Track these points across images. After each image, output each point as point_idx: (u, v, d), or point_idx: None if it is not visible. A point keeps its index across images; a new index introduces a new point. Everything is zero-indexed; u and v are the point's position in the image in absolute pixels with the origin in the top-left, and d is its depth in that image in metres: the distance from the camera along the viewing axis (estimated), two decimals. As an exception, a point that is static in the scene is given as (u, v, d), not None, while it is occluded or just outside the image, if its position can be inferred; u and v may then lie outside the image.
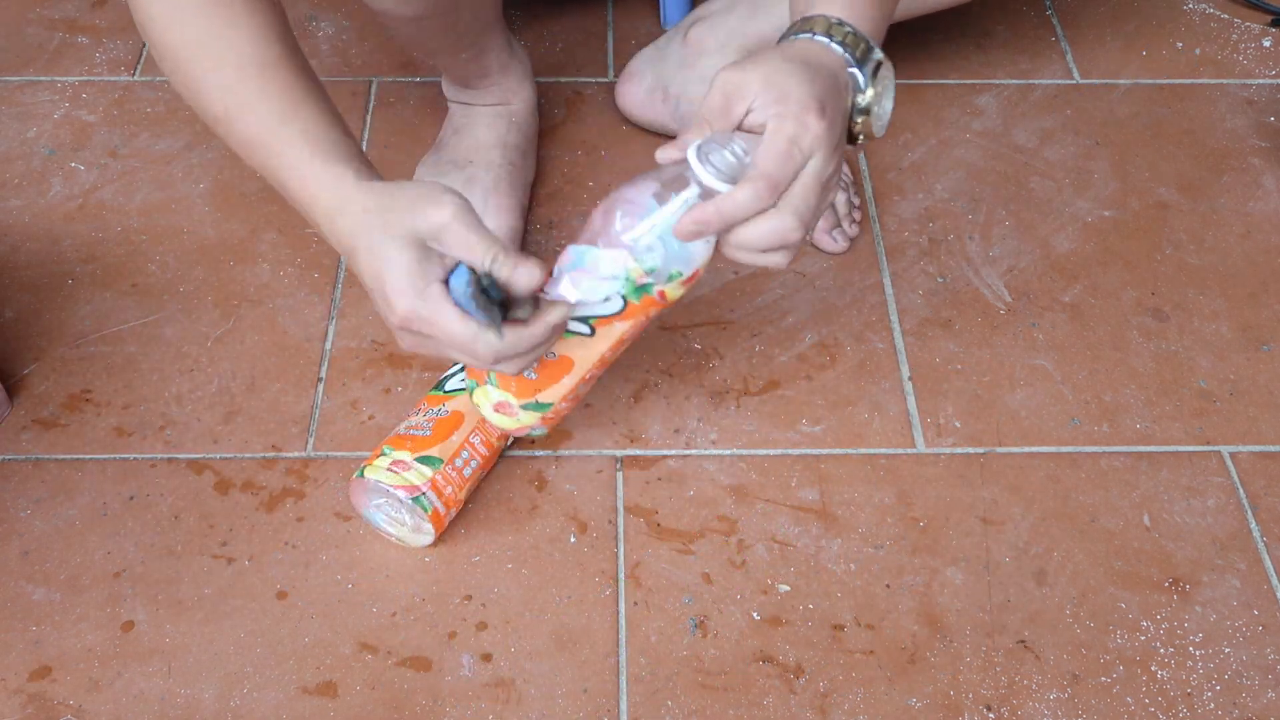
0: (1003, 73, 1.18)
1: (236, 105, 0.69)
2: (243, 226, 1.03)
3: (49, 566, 0.82)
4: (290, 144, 0.67)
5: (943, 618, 0.80)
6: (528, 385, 0.72)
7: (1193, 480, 0.88)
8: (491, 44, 0.98)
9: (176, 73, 0.71)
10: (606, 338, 0.70)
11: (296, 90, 0.69)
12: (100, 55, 1.17)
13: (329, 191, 0.66)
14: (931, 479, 0.87)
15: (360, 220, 0.65)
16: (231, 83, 0.69)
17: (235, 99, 0.69)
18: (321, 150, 0.67)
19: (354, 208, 0.65)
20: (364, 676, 0.77)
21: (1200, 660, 0.79)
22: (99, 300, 0.97)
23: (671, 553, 0.83)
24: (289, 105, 0.68)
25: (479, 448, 0.82)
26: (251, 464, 0.87)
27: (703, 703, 0.76)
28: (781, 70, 0.64)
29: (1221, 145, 1.12)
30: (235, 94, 0.69)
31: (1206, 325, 0.98)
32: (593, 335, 0.69)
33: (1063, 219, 1.05)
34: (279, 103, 0.68)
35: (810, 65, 0.64)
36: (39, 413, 0.90)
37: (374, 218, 0.64)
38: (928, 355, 0.95)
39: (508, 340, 0.64)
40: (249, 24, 0.69)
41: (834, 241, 1.01)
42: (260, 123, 0.68)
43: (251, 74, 0.68)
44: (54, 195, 1.05)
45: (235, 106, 0.69)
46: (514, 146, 1.02)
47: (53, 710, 0.75)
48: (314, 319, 0.96)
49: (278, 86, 0.68)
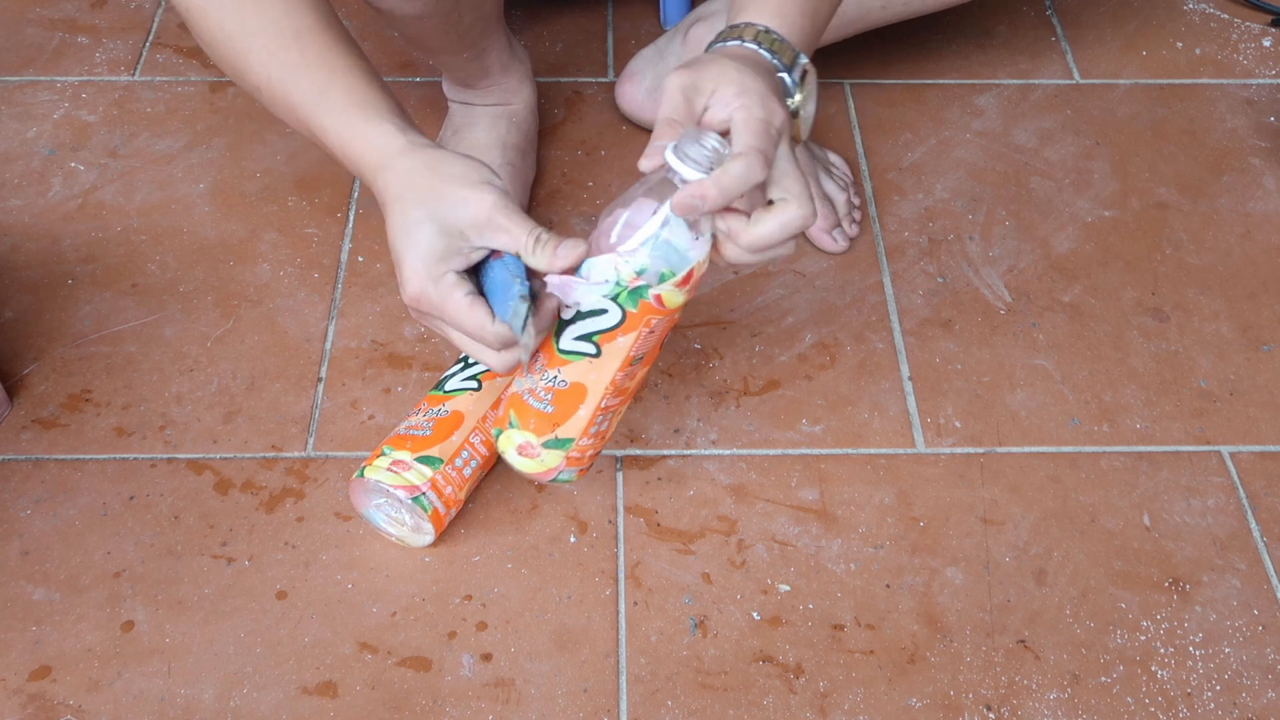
0: (1003, 73, 1.18)
1: (278, 74, 0.70)
2: (243, 226, 1.03)
3: (49, 566, 0.82)
4: (333, 108, 0.69)
5: (943, 618, 0.80)
6: (545, 420, 0.71)
7: (1193, 480, 0.88)
8: (493, 44, 0.98)
9: (217, 50, 0.72)
10: (614, 356, 0.69)
11: (335, 54, 0.70)
12: (100, 55, 1.17)
13: (375, 149, 0.68)
14: (931, 479, 0.87)
15: (402, 183, 0.66)
16: (271, 52, 0.70)
17: (276, 68, 0.70)
18: (363, 111, 0.68)
19: (399, 167, 0.66)
20: (364, 676, 0.77)
21: (1200, 660, 0.79)
22: (99, 300, 0.97)
23: (671, 553, 0.83)
24: (328, 70, 0.70)
25: (479, 448, 0.82)
26: (251, 464, 0.87)
27: (703, 703, 0.76)
28: (731, 67, 0.65)
29: (1221, 145, 1.12)
30: (275, 63, 0.70)
31: (1206, 325, 0.98)
32: (599, 355, 0.69)
33: (1063, 219, 1.05)
34: (318, 68, 0.70)
35: (753, 63, 0.66)
36: (39, 413, 0.90)
37: (413, 192, 0.65)
38: (928, 355, 0.95)
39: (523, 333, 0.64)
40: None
41: (834, 241, 1.01)
42: (302, 89, 0.70)
43: (289, 42, 0.70)
44: (54, 195, 1.05)
45: (277, 75, 0.70)
46: (514, 147, 1.02)
47: (53, 710, 0.75)
48: (314, 319, 0.96)
49: (316, 51, 0.70)
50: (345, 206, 1.04)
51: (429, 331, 0.95)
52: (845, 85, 1.17)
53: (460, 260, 0.64)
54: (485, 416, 0.83)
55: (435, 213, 0.64)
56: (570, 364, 0.69)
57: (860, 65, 1.18)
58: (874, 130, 1.13)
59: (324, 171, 1.07)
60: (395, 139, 0.68)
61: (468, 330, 0.64)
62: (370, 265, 1.00)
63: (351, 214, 1.04)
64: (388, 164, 0.67)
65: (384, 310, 0.97)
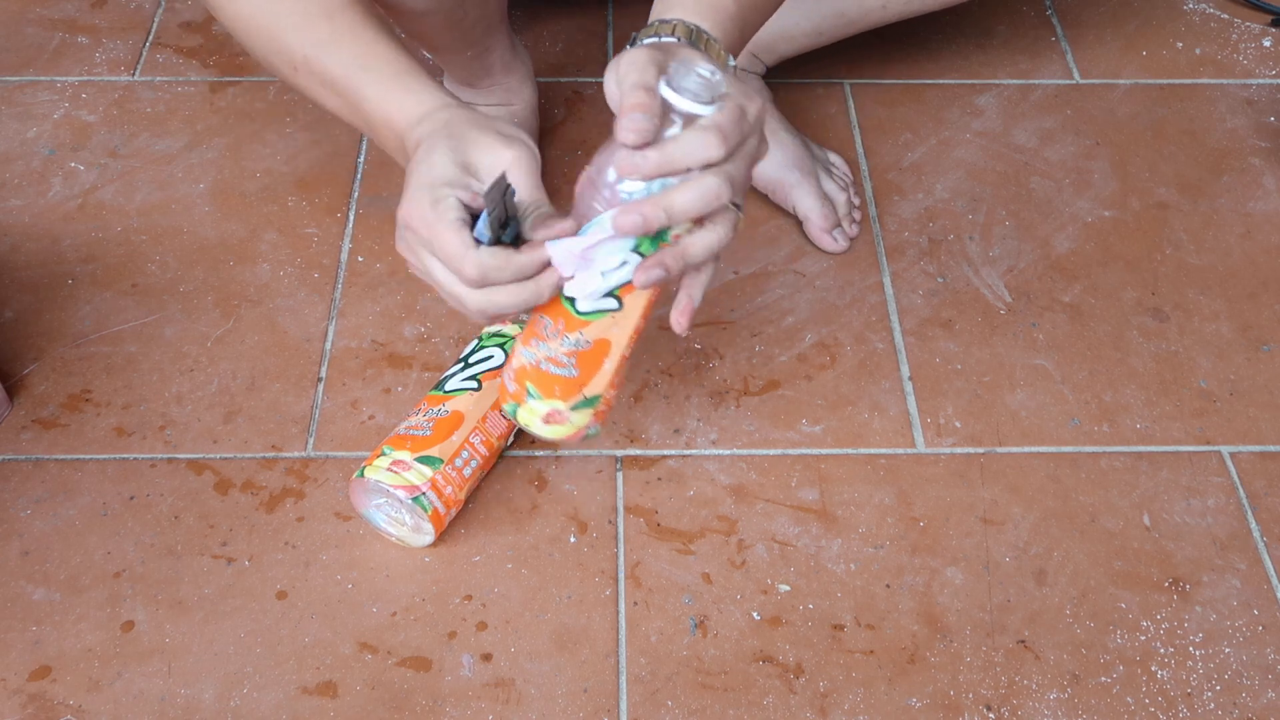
0: (1003, 73, 1.18)
1: (314, 50, 0.71)
2: (243, 226, 1.03)
3: (49, 566, 0.82)
4: (375, 78, 0.69)
5: (943, 618, 0.80)
6: (571, 384, 0.70)
7: (1193, 480, 0.88)
8: (496, 43, 0.98)
9: (249, 36, 0.73)
10: (636, 306, 0.67)
11: (367, 27, 0.71)
12: (100, 55, 1.17)
13: (420, 106, 0.68)
14: (931, 479, 0.87)
15: (436, 127, 0.66)
16: (303, 30, 0.71)
17: (311, 46, 0.71)
18: (406, 79, 0.69)
19: (439, 117, 0.66)
20: (364, 676, 0.77)
21: (1200, 660, 0.79)
22: (99, 300, 0.97)
23: (671, 553, 0.83)
24: (365, 42, 0.71)
25: (479, 448, 0.82)
26: (251, 464, 0.87)
27: (703, 703, 0.76)
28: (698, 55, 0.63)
29: (1221, 145, 1.12)
30: (310, 41, 0.71)
31: (1206, 325, 0.98)
32: (622, 308, 0.67)
33: (1063, 219, 1.05)
34: (354, 42, 0.71)
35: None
36: (39, 413, 0.90)
37: (445, 131, 0.65)
38: (928, 355, 0.95)
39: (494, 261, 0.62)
40: None
41: (834, 241, 1.01)
42: (343, 60, 0.70)
43: (319, 21, 0.71)
44: (54, 195, 1.05)
45: (313, 52, 0.71)
46: (514, 147, 1.02)
47: (53, 710, 0.75)
48: (314, 319, 0.96)
49: (348, 25, 0.71)
50: (345, 206, 1.05)
51: (429, 331, 0.95)
52: (845, 85, 1.17)
53: (465, 192, 0.63)
54: (485, 417, 0.83)
55: (459, 148, 0.64)
56: (592, 323, 0.68)
57: (860, 65, 1.18)
58: (874, 130, 1.13)
59: (324, 171, 1.07)
60: (440, 97, 0.68)
61: (449, 252, 0.62)
62: (370, 265, 1.00)
63: (351, 214, 1.04)
64: (428, 116, 0.67)
65: (384, 310, 0.97)
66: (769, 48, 1.05)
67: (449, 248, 0.62)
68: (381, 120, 0.69)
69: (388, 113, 0.69)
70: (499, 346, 0.86)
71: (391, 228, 1.02)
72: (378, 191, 1.06)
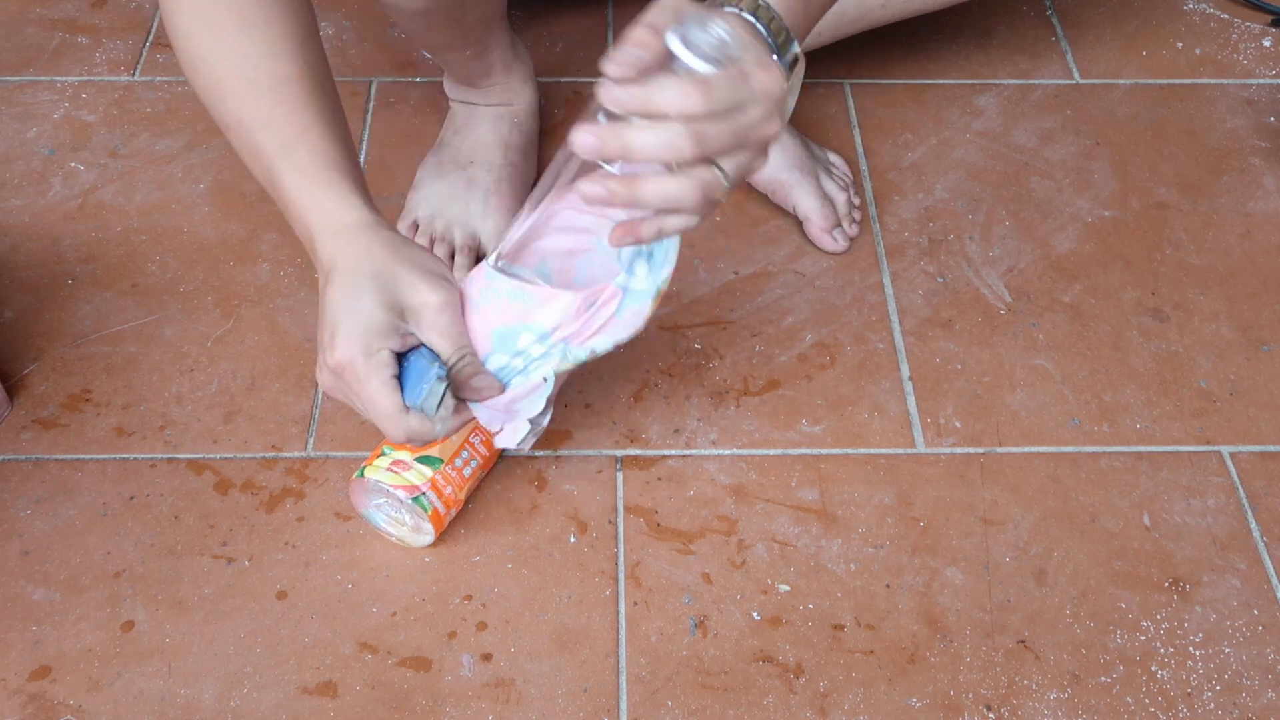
0: (1003, 73, 1.18)
1: (250, 119, 0.69)
2: (243, 226, 1.03)
3: (49, 566, 0.82)
4: (296, 166, 0.68)
5: (943, 618, 0.80)
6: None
7: (1193, 480, 0.88)
8: (496, 42, 0.98)
9: (195, 83, 0.72)
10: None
11: (309, 110, 0.69)
12: (100, 55, 1.17)
13: (335, 216, 0.67)
14: (931, 479, 0.87)
15: (359, 254, 0.65)
16: (242, 95, 0.69)
17: (248, 113, 0.69)
18: (329, 174, 0.68)
19: (360, 239, 0.66)
20: (364, 676, 0.77)
21: (1200, 660, 0.79)
22: (99, 300, 0.97)
23: (671, 553, 0.83)
24: (298, 126, 0.68)
25: (479, 448, 0.82)
26: (251, 464, 0.87)
27: (703, 703, 0.76)
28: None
29: (1221, 145, 1.12)
30: (247, 109, 0.69)
31: (1206, 325, 0.98)
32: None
33: (1063, 219, 1.05)
34: (288, 123, 0.68)
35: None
36: (39, 413, 0.90)
37: (369, 264, 0.65)
38: (928, 355, 0.95)
39: (422, 429, 0.65)
40: (265, 38, 0.69)
41: (834, 241, 1.01)
42: (269, 140, 0.69)
43: (264, 90, 0.69)
44: (54, 195, 1.05)
45: (248, 121, 0.69)
46: (516, 147, 1.02)
47: (53, 710, 0.75)
48: (314, 319, 0.96)
49: (289, 105, 0.69)
50: (345, 206, 1.04)
51: (429, 331, 0.95)
52: (845, 85, 1.17)
53: (396, 341, 0.64)
54: None
55: (387, 287, 0.64)
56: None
57: (860, 65, 1.18)
58: (874, 130, 1.13)
59: (324, 171, 1.07)
60: (360, 211, 0.67)
61: (381, 412, 0.64)
62: (370, 265, 1.00)
63: (351, 214, 1.04)
64: (346, 234, 0.66)
65: (384, 310, 0.97)
66: (769, 48, 1.05)
67: (380, 408, 0.64)
68: (296, 211, 0.68)
69: (303, 205, 0.68)
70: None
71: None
72: (378, 192, 1.06)
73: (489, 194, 0.99)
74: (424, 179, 1.02)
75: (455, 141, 1.03)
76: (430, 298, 0.64)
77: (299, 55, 0.70)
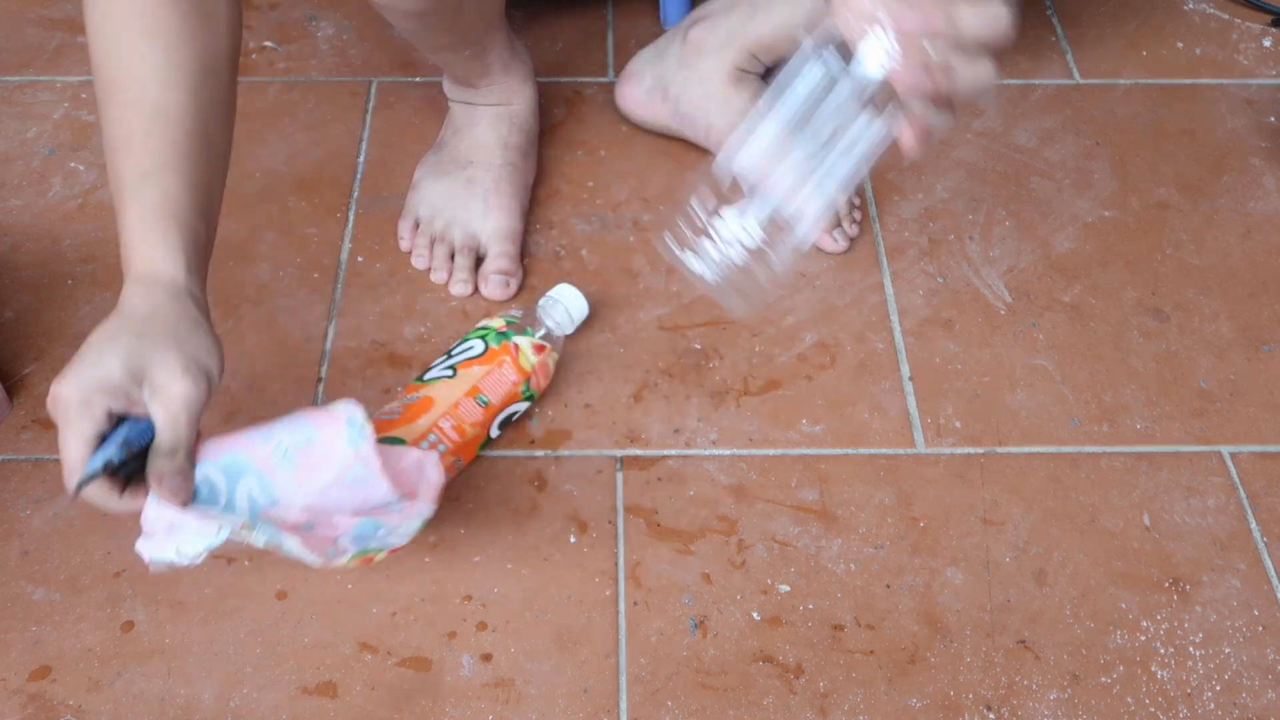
0: (1003, 73, 1.18)
1: (119, 139, 0.69)
2: (243, 226, 1.03)
3: (49, 566, 0.81)
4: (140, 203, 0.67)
5: (943, 618, 0.80)
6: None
7: (1193, 480, 0.88)
8: (494, 42, 0.98)
9: (94, 75, 0.71)
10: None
11: (178, 149, 0.68)
12: (100, 55, 1.17)
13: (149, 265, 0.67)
14: (931, 479, 0.87)
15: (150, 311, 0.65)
16: (121, 115, 0.69)
17: (120, 132, 0.69)
18: (163, 224, 0.67)
19: (160, 299, 0.66)
20: (364, 676, 0.77)
21: (1200, 660, 0.79)
22: (99, 300, 0.97)
23: (671, 553, 0.83)
24: (160, 162, 0.68)
25: (449, 432, 0.82)
26: (251, 464, 0.87)
27: (703, 703, 0.76)
28: None
29: (1221, 145, 1.12)
30: (120, 128, 0.69)
31: (1206, 325, 0.98)
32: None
33: (1063, 219, 1.05)
34: (150, 156, 0.68)
35: None
36: (39, 413, 0.90)
37: (149, 325, 0.64)
38: (928, 355, 0.95)
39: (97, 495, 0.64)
40: (165, 61, 0.68)
41: (834, 241, 1.01)
42: (128, 168, 0.68)
43: (144, 115, 0.68)
44: (54, 195, 1.05)
45: (117, 139, 0.69)
46: (515, 147, 1.02)
47: (53, 710, 0.75)
48: (314, 319, 0.96)
49: (159, 138, 0.68)
50: (345, 207, 1.04)
51: (429, 331, 0.95)
52: (845, 85, 1.17)
53: (122, 404, 0.63)
54: (458, 403, 0.83)
55: (141, 354, 0.63)
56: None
57: (860, 65, 1.17)
58: (874, 130, 1.12)
59: (324, 172, 1.07)
60: (176, 272, 0.67)
61: (65, 462, 0.63)
62: (370, 265, 1.00)
63: (351, 214, 1.04)
64: (148, 289, 0.66)
65: (384, 310, 0.97)
66: (769, 48, 1.05)
67: (66, 457, 0.63)
68: (123, 246, 0.68)
69: (128, 244, 0.68)
70: (480, 338, 0.87)
71: (391, 228, 1.02)
72: (378, 192, 1.06)
73: (489, 194, 0.99)
74: (423, 179, 1.02)
75: (455, 141, 1.03)
76: (175, 387, 0.63)
77: (192, 87, 0.69)
